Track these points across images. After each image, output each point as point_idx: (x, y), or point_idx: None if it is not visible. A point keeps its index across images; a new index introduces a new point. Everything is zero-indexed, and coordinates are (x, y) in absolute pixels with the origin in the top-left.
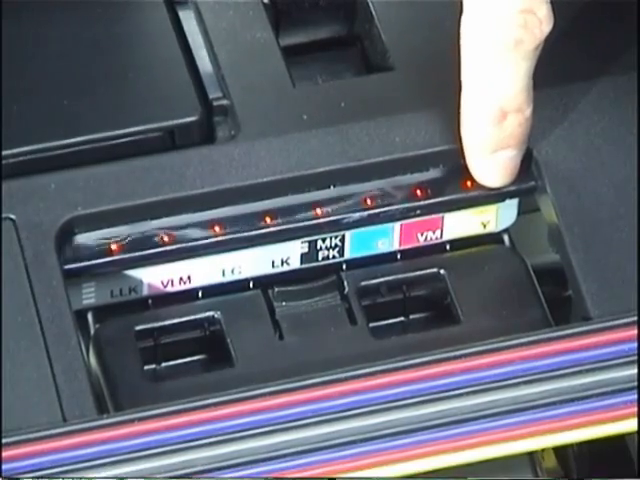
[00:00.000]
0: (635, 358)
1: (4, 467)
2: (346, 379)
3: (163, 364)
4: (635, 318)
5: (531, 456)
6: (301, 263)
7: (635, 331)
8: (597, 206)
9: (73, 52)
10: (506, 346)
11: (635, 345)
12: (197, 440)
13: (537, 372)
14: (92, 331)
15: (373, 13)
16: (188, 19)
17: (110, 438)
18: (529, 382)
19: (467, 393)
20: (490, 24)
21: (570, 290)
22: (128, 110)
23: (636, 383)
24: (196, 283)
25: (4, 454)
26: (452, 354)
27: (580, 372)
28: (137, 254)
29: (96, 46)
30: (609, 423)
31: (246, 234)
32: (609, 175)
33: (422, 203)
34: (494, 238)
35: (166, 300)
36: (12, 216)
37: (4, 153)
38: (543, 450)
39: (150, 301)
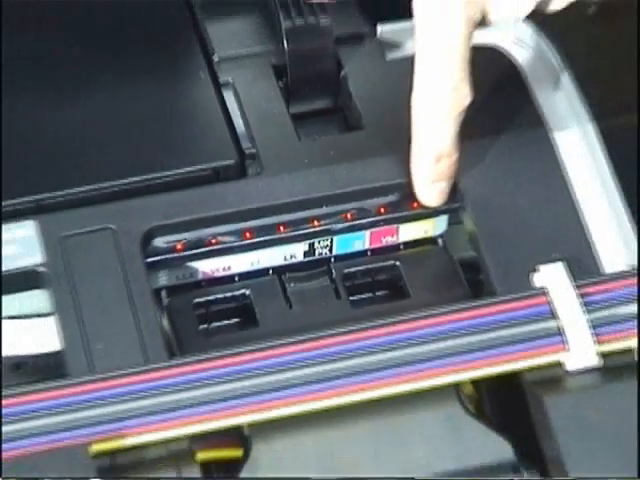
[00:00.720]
0: (529, 319)
1: (106, 393)
2: (334, 335)
3: (212, 324)
4: (528, 293)
5: (456, 386)
6: (304, 257)
7: (527, 301)
8: (503, 220)
9: (147, 117)
10: (441, 312)
11: (532, 310)
12: (235, 375)
13: (462, 329)
14: (165, 303)
15: (351, 92)
16: (229, 96)
17: (177, 374)
18: (457, 336)
19: (415, 344)
20: (431, 97)
21: (482, 275)
22: (187, 156)
23: (529, 336)
24: (234, 270)
25: (112, 382)
26: (405, 317)
27: (492, 329)
28: (194, 252)
29: (166, 113)
30: (513, 363)
31: (267, 238)
32: (512, 199)
33: (384, 217)
34: (432, 241)
35: (214, 282)
36: (113, 226)
37: (108, 184)
38: (464, 383)
39: (203, 283)
